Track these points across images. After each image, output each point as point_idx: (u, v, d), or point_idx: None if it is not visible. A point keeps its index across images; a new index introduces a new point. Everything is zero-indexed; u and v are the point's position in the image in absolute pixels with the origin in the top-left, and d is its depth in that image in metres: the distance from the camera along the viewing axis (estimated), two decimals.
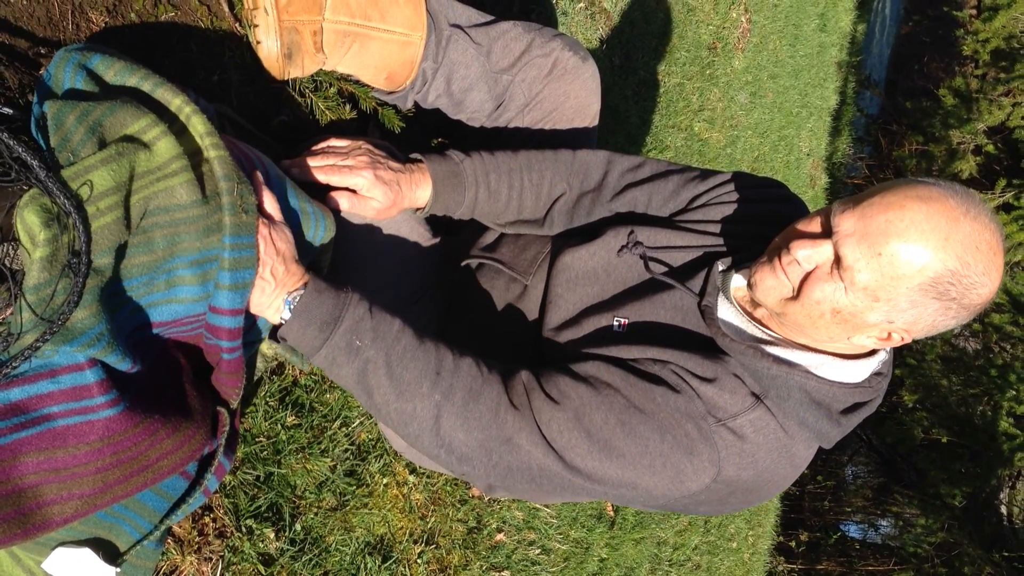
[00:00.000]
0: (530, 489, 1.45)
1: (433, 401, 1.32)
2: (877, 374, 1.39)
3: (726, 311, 1.45)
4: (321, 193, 1.44)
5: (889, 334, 1.30)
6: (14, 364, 0.95)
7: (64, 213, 0.93)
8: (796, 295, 1.31)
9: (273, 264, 1.24)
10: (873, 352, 1.39)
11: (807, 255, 1.28)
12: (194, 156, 1.10)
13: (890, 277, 1.21)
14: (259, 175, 1.24)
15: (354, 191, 1.47)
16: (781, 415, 1.36)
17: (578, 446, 1.35)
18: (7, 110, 1.01)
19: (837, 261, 1.26)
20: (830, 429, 1.37)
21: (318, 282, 1.30)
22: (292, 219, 1.32)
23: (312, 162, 1.47)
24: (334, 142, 1.53)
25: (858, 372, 1.37)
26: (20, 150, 0.89)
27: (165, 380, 1.24)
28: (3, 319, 0.98)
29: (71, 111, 0.99)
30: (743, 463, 1.36)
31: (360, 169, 1.46)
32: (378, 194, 1.47)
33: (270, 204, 1.25)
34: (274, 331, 1.33)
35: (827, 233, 1.28)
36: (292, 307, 1.28)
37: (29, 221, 0.91)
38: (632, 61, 3.37)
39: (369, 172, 1.46)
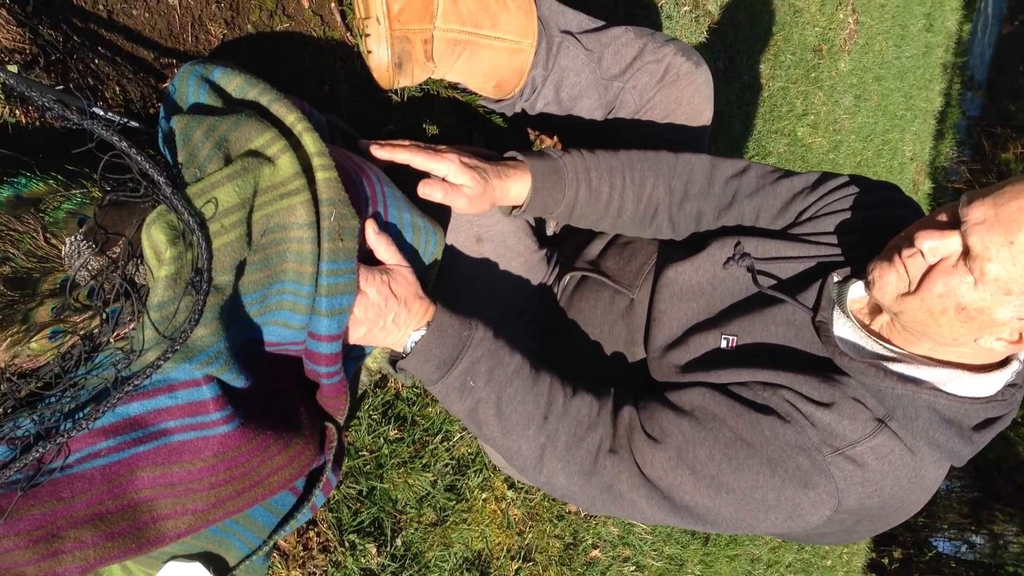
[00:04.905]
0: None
1: (538, 444, 1.32)
2: (1011, 385, 1.27)
3: (842, 327, 1.35)
4: (412, 182, 1.39)
5: (1020, 335, 1.18)
6: (135, 381, 0.94)
7: (189, 230, 0.91)
8: (916, 289, 1.21)
9: (396, 313, 1.25)
10: (1006, 362, 1.28)
11: (933, 246, 1.18)
12: (308, 173, 1.08)
13: None
14: (371, 216, 1.23)
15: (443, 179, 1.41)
16: (909, 437, 1.26)
17: (683, 484, 1.29)
18: (135, 124, 1.01)
19: (965, 253, 1.16)
20: (962, 447, 1.26)
21: (442, 317, 1.29)
22: (404, 233, 1.29)
23: (396, 143, 1.41)
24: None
25: (990, 385, 1.25)
26: (148, 166, 0.88)
27: (274, 396, 1.23)
28: (125, 334, 0.97)
29: (198, 126, 0.98)
30: (866, 492, 1.27)
31: (445, 154, 1.40)
32: (466, 180, 1.38)
33: (386, 248, 1.25)
34: (394, 359, 1.35)
35: (955, 224, 1.18)
36: (414, 344, 1.29)
37: (156, 239, 0.90)
38: (736, 65, 3.27)
39: (454, 156, 1.39)
